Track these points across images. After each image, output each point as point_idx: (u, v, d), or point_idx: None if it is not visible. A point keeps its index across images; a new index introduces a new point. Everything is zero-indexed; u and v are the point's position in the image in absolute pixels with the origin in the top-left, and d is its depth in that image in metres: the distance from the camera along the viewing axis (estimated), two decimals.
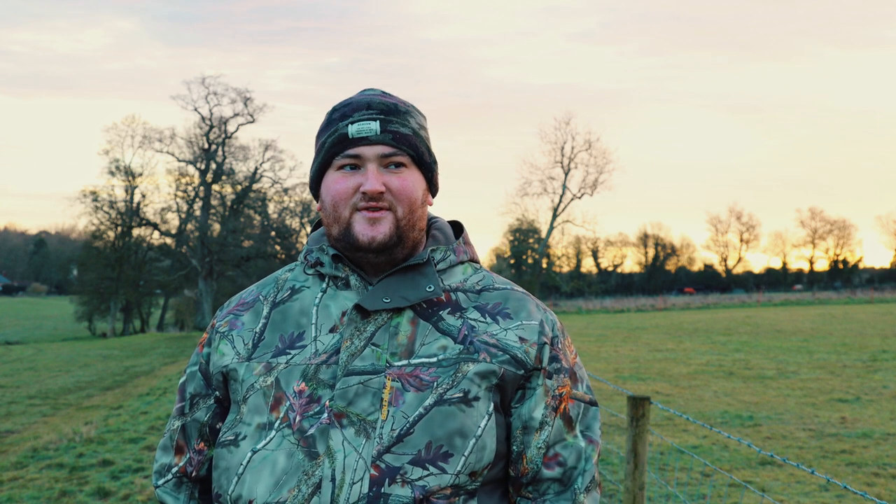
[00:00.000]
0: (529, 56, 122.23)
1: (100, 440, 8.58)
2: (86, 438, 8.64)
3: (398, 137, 1.42)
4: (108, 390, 14.62)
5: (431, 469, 1.31)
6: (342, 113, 1.45)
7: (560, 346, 1.46)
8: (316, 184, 1.48)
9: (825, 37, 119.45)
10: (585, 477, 1.44)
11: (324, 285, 1.46)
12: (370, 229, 1.39)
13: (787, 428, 9.01)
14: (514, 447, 1.42)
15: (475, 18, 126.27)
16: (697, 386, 12.58)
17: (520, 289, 1.51)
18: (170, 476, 1.52)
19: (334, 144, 1.43)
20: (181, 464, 1.51)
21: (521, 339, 1.42)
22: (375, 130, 1.41)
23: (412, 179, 1.44)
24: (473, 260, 1.54)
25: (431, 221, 1.57)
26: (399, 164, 1.43)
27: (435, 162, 1.51)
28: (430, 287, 1.41)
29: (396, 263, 1.44)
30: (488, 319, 1.42)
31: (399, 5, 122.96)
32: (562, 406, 1.43)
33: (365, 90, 1.51)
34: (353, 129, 1.41)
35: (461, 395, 1.34)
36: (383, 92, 1.50)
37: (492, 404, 1.37)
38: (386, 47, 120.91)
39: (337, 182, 1.42)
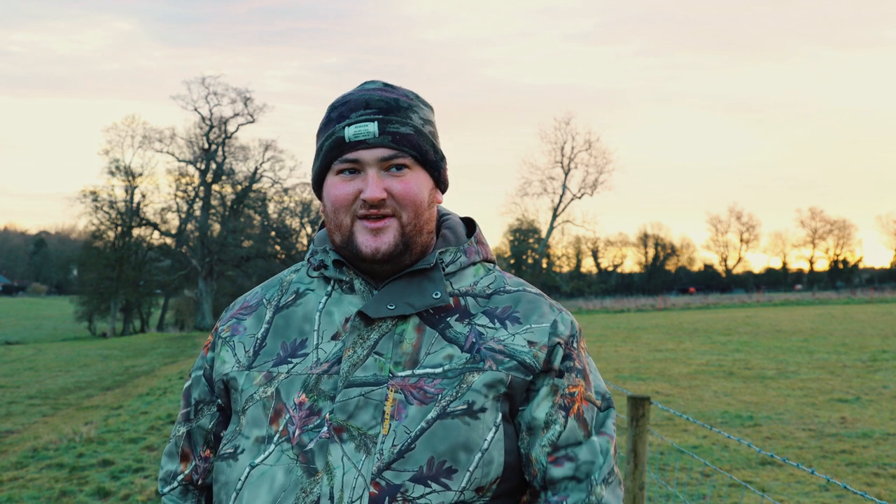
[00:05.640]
0: (527, 56, 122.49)
1: (100, 440, 8.58)
2: (86, 438, 8.64)
3: (398, 138, 1.33)
4: (108, 390, 14.61)
5: (434, 486, 1.24)
6: (340, 112, 1.36)
7: (575, 346, 1.39)
8: (318, 185, 1.41)
9: (824, 37, 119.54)
10: (603, 469, 1.35)
11: (328, 288, 1.40)
12: (373, 240, 1.32)
13: (787, 428, 9.01)
14: (522, 450, 1.35)
15: (473, 19, 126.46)
16: (697, 386, 12.58)
17: (533, 290, 1.43)
18: (175, 484, 1.48)
19: (332, 149, 1.35)
20: (187, 471, 1.47)
21: (530, 342, 1.34)
22: (374, 133, 1.32)
23: (416, 181, 1.35)
24: (487, 260, 1.47)
25: (443, 219, 1.48)
26: (401, 167, 1.34)
27: (442, 158, 1.41)
28: (436, 294, 1.34)
29: (404, 269, 1.37)
30: (496, 325, 1.35)
31: (397, 6, 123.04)
32: (575, 406, 1.36)
33: (366, 83, 1.41)
34: (349, 133, 1.33)
35: (465, 406, 1.28)
36: (384, 85, 1.40)
37: (500, 415, 1.31)
38: (384, 48, 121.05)
39: (336, 187, 1.35)
